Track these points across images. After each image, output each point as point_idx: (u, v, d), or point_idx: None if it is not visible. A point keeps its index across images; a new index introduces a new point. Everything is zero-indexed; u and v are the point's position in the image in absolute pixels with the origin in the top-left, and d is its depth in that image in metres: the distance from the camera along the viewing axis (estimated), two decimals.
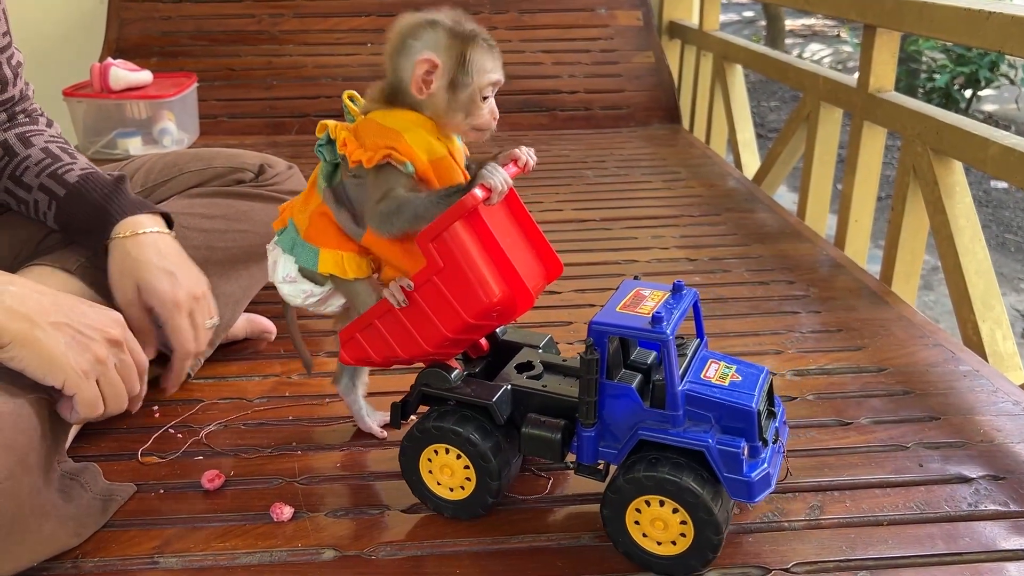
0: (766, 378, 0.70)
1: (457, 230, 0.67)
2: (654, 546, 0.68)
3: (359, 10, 2.36)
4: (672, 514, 0.66)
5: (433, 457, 0.74)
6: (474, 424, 0.72)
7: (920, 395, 0.97)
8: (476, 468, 0.72)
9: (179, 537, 0.73)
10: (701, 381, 0.68)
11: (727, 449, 0.65)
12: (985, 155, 1.20)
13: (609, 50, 2.39)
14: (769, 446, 0.68)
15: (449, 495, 0.75)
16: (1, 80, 0.90)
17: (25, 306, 0.68)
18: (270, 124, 2.20)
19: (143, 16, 2.29)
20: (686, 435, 0.66)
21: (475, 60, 0.68)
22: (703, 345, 0.74)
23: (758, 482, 0.65)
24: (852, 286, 1.29)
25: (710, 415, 0.66)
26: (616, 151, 2.06)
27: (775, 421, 0.70)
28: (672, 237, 1.50)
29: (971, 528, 0.75)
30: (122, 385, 0.73)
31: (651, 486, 0.66)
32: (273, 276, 0.79)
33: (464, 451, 0.72)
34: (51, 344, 0.68)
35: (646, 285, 0.73)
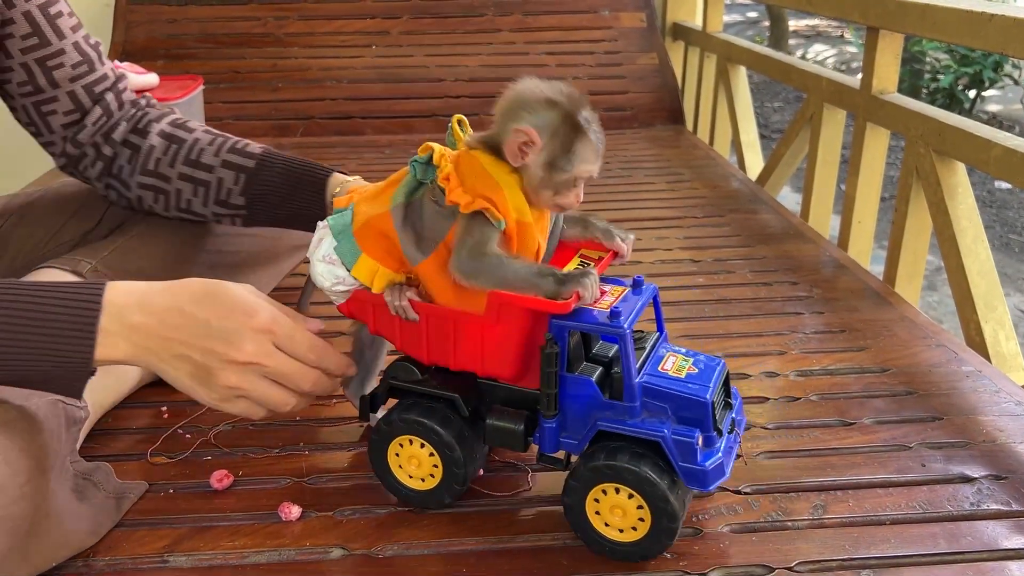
0: (722, 370, 0.72)
1: (527, 316, 0.69)
2: (614, 533, 0.70)
3: (364, 13, 2.37)
4: (629, 500, 0.68)
5: (400, 449, 0.75)
6: (439, 416, 0.73)
7: (923, 395, 0.98)
8: (442, 458, 0.74)
9: (189, 536, 0.74)
10: (658, 373, 0.70)
11: (682, 439, 0.67)
12: (988, 156, 1.20)
13: (613, 52, 2.40)
14: (724, 436, 0.69)
15: (418, 485, 0.76)
16: (85, 59, 0.90)
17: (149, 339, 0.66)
18: (275, 126, 2.21)
19: (149, 19, 2.30)
20: (643, 425, 0.68)
21: (579, 152, 0.69)
22: (663, 339, 0.76)
23: (712, 471, 0.67)
24: (855, 287, 1.29)
25: (666, 406, 0.68)
26: (620, 152, 2.06)
27: (731, 412, 0.72)
28: (676, 238, 1.50)
29: (973, 527, 0.75)
30: (275, 392, 0.70)
31: (609, 474, 0.68)
32: (313, 252, 0.75)
33: (430, 441, 0.74)
34: (177, 378, 0.68)
35: (607, 281, 0.75)
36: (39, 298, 0.64)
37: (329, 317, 0.85)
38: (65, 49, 0.88)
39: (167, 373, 0.69)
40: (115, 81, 0.94)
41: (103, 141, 0.93)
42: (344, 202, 0.77)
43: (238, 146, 0.90)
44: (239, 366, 0.68)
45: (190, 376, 0.68)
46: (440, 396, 0.74)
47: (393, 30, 2.35)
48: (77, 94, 0.90)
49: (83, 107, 0.91)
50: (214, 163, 0.89)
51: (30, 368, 0.64)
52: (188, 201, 0.93)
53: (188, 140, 0.91)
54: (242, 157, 0.89)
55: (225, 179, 0.89)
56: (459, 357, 0.73)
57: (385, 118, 2.21)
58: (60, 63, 0.88)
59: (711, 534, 0.74)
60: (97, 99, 0.91)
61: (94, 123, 0.92)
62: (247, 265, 1.03)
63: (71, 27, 0.89)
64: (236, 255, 1.01)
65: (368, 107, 2.23)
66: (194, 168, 0.90)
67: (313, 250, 0.76)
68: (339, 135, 2.19)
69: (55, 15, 0.88)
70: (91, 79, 0.91)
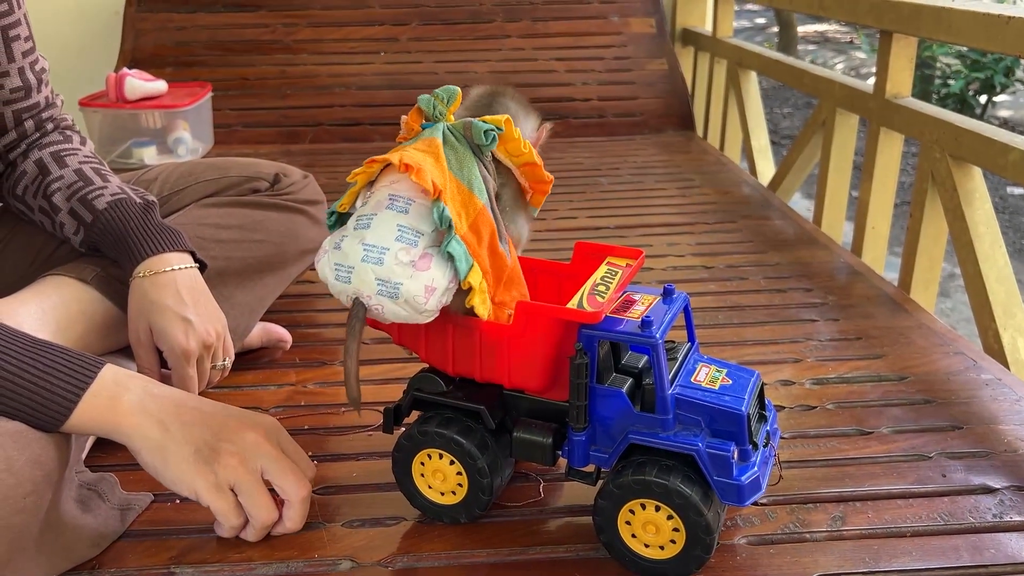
0: (757, 382, 0.70)
1: (556, 326, 0.68)
2: (645, 550, 0.68)
3: (372, 20, 2.36)
4: (664, 518, 0.66)
5: (426, 462, 0.74)
6: (464, 428, 0.72)
7: (942, 404, 0.96)
8: (467, 471, 0.72)
9: (195, 548, 0.73)
10: (691, 385, 0.68)
11: (717, 453, 0.65)
12: (1005, 161, 1.18)
13: (622, 57, 2.39)
14: (759, 450, 0.67)
15: (444, 499, 0.74)
16: (25, 85, 0.91)
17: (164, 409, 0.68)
18: (284, 133, 2.21)
19: (158, 27, 2.30)
20: (676, 439, 0.66)
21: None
22: (694, 349, 0.74)
23: (748, 485, 0.65)
24: (870, 293, 1.28)
25: (700, 419, 0.66)
26: (630, 158, 2.05)
27: (766, 425, 0.70)
28: (687, 244, 1.49)
29: (996, 539, 0.74)
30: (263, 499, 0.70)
31: (641, 489, 0.66)
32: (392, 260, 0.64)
33: (455, 454, 0.72)
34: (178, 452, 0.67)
35: (637, 290, 0.73)
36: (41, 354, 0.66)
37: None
38: (10, 72, 0.89)
39: (166, 448, 0.67)
40: (43, 108, 0.94)
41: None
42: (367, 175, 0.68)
43: (89, 196, 0.88)
44: (248, 445, 0.69)
45: (194, 451, 0.67)
46: (465, 408, 0.72)
47: (402, 36, 2.35)
48: (4, 116, 0.90)
49: (4, 128, 0.91)
50: (62, 206, 0.89)
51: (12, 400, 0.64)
52: (51, 232, 0.92)
53: (53, 175, 0.90)
54: (85, 209, 0.88)
55: (67, 225, 0.89)
56: (485, 369, 0.71)
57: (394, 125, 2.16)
58: (0, 85, 0.89)
59: (727, 546, 0.73)
60: (17, 123, 0.92)
61: (5, 145, 0.92)
62: (254, 271, 1.02)
63: (23, 52, 0.90)
64: (243, 260, 1.00)
65: (377, 114, 2.23)
66: (49, 204, 0.90)
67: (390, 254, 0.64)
68: (348, 142, 2.19)
69: (12, 38, 0.88)
70: (22, 105, 0.91)
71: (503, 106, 0.74)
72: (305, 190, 1.13)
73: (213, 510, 0.69)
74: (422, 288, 0.65)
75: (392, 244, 0.65)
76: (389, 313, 0.66)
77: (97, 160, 0.94)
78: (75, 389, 0.65)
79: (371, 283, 0.65)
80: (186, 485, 0.67)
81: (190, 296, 0.85)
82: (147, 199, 0.90)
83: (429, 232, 0.66)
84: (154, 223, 0.88)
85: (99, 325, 0.86)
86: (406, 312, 0.66)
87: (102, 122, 1.93)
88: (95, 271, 0.87)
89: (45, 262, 0.93)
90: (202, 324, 0.85)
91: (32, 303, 0.82)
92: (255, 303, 1.03)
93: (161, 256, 0.86)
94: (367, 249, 0.65)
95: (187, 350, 0.83)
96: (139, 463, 0.68)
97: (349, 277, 0.66)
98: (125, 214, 0.87)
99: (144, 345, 0.84)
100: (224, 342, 0.88)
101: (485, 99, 0.75)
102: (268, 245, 1.04)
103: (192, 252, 0.89)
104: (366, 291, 0.65)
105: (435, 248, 0.66)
